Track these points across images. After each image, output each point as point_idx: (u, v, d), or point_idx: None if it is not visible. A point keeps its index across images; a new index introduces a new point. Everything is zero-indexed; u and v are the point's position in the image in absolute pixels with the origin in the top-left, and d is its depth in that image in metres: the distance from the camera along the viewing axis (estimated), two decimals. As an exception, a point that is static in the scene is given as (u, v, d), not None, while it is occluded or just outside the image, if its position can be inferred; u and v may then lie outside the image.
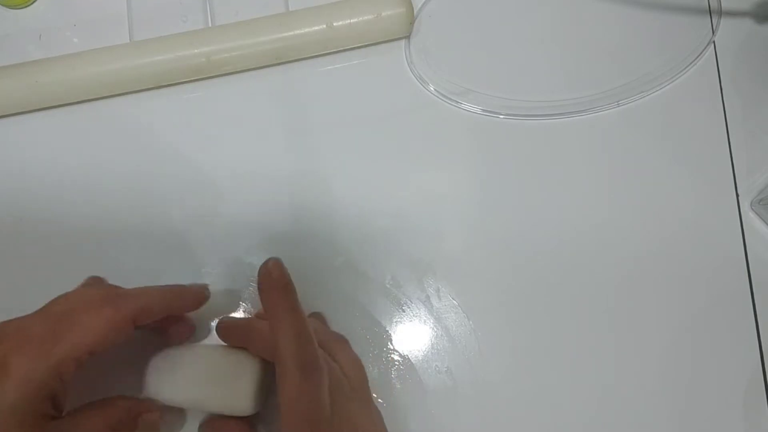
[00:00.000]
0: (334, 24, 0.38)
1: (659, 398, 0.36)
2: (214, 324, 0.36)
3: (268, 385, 0.32)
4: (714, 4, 0.42)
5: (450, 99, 0.40)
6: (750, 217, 0.38)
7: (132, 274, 0.36)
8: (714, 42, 0.41)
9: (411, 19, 0.39)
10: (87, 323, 0.28)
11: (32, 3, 0.42)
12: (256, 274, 0.37)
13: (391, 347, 0.36)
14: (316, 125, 0.40)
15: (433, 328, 0.37)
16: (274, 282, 0.29)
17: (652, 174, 0.39)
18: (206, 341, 0.36)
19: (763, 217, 0.38)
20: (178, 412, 0.34)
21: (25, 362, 0.26)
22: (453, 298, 0.37)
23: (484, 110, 0.40)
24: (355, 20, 0.38)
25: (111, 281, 0.34)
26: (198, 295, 0.34)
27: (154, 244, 0.38)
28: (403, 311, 0.37)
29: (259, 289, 0.30)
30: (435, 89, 0.40)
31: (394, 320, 0.37)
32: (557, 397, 0.36)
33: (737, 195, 0.39)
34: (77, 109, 0.40)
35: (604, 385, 0.36)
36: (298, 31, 0.38)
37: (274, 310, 0.29)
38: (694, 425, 0.36)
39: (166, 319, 0.33)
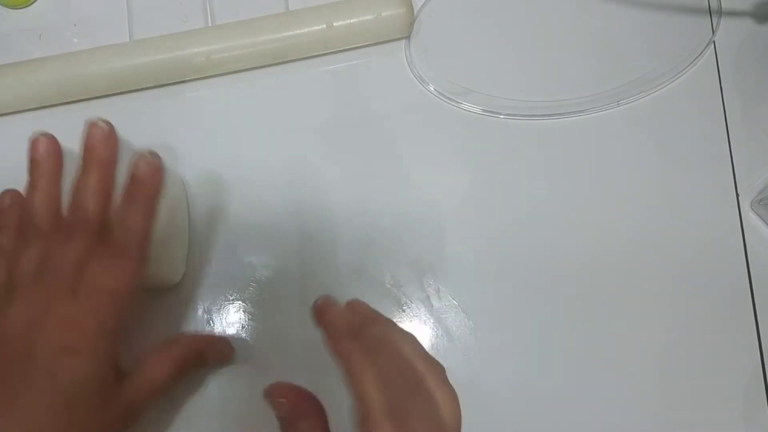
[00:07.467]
0: (334, 24, 0.38)
1: (659, 398, 0.36)
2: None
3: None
4: (714, 4, 0.42)
5: (450, 99, 0.40)
6: (750, 217, 0.38)
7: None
8: (714, 42, 0.41)
9: (411, 19, 0.39)
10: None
11: (32, 3, 0.42)
12: (256, 274, 0.37)
13: (391, 347, 0.36)
14: (316, 125, 0.40)
15: (433, 328, 0.37)
16: (340, 330, 0.28)
17: (651, 174, 0.39)
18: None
19: (763, 217, 0.38)
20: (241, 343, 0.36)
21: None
22: (453, 298, 0.37)
23: (484, 110, 0.40)
24: (355, 20, 0.38)
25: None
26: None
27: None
28: (403, 311, 0.37)
29: (326, 336, 0.28)
30: (435, 89, 0.40)
31: (394, 320, 0.37)
32: (557, 396, 0.36)
33: (737, 195, 0.39)
34: (77, 107, 0.40)
35: (603, 384, 0.36)
36: (298, 31, 0.38)
37: (348, 357, 0.26)
38: (694, 425, 0.36)
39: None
